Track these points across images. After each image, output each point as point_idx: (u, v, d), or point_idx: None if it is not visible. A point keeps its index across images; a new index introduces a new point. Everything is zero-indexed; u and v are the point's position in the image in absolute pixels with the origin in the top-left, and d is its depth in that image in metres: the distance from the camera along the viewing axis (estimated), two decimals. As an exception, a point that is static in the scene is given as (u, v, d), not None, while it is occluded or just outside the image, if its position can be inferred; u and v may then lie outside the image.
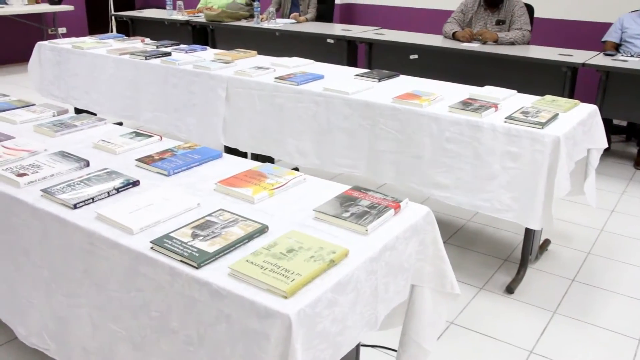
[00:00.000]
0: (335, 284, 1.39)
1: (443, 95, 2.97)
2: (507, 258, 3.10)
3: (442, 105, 2.83)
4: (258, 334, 1.31)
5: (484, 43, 4.51)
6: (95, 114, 4.07)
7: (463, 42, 4.58)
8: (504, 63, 4.33)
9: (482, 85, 3.22)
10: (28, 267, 1.83)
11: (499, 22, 4.59)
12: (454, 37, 4.68)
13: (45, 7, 7.58)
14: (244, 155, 3.28)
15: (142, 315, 1.57)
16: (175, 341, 1.52)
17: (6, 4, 7.30)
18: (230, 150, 3.39)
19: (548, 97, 2.97)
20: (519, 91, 3.12)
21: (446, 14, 5.06)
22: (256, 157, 3.47)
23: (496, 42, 4.48)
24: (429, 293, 1.84)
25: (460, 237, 3.33)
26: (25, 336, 1.87)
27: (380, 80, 3.30)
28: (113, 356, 1.65)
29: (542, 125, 2.53)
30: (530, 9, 4.66)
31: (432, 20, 6.18)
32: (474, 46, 4.46)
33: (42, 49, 4.50)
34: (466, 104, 2.79)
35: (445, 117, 2.71)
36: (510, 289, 2.77)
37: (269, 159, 3.48)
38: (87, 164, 2.06)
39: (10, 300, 1.93)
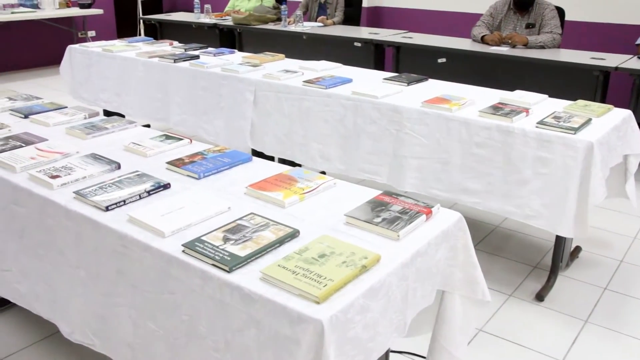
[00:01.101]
0: (367, 289, 1.38)
1: (473, 99, 2.94)
2: (537, 265, 3.05)
3: (472, 109, 2.80)
4: (289, 340, 1.31)
5: (513, 47, 4.46)
6: (123, 116, 4.12)
7: (492, 45, 4.53)
8: (534, 67, 4.27)
9: (511, 89, 3.18)
10: (65, 267, 1.85)
11: (529, 26, 4.53)
12: (482, 40, 4.63)
13: (75, 11, 7.70)
14: (270, 159, 3.28)
15: (174, 318, 1.57)
16: (202, 346, 1.52)
17: (39, 8, 7.44)
18: (255, 154, 3.40)
19: (580, 102, 2.92)
20: (550, 96, 3.08)
21: (474, 17, 5.02)
22: (283, 162, 3.48)
23: (526, 45, 4.43)
24: (460, 299, 1.82)
25: (489, 243, 3.29)
26: (69, 333, 1.90)
27: (409, 84, 3.28)
28: (154, 354, 1.66)
29: (575, 130, 2.49)
30: (561, 11, 4.60)
31: (460, 23, 6.13)
32: (503, 50, 4.41)
33: (72, 52, 4.57)
34: (497, 109, 2.75)
35: (476, 121, 2.69)
36: (540, 297, 2.73)
37: (294, 164, 3.47)
38: (118, 167, 2.08)
39: (51, 298, 1.95)
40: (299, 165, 3.41)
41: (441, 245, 1.67)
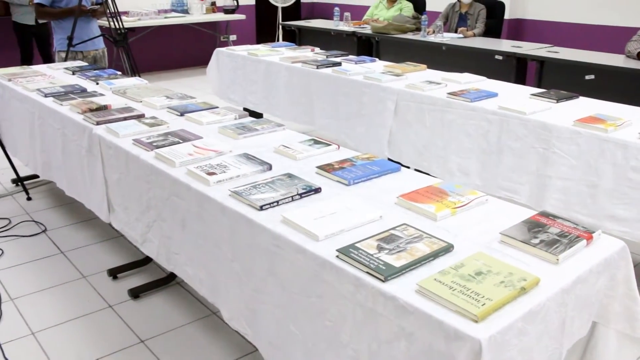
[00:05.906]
0: (526, 312, 1.33)
1: (630, 120, 2.76)
2: (693, 304, 2.79)
3: (631, 131, 2.63)
4: (442, 356, 1.29)
5: (674, 65, 4.14)
6: (261, 115, 4.26)
7: (649, 63, 4.23)
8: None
9: (673, 111, 2.95)
10: (222, 259, 1.95)
11: (693, 43, 4.19)
12: (638, 57, 4.34)
13: (220, 16, 8.13)
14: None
15: (317, 322, 1.60)
16: (341, 355, 1.52)
17: (188, 13, 7.94)
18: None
19: None
20: None
21: (628, 31, 4.72)
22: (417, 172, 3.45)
23: (689, 64, 4.10)
24: (615, 335, 1.70)
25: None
26: (228, 319, 1.99)
27: (558, 101, 3.14)
28: (291, 356, 1.70)
29: None
30: None
31: (610, 38, 5.78)
32: (662, 68, 4.10)
33: (219, 55, 4.81)
34: (659, 132, 2.57)
35: (635, 144, 2.52)
36: (696, 339, 2.50)
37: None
38: (270, 168, 2.15)
39: (212, 284, 2.06)
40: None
41: (602, 273, 1.58)
